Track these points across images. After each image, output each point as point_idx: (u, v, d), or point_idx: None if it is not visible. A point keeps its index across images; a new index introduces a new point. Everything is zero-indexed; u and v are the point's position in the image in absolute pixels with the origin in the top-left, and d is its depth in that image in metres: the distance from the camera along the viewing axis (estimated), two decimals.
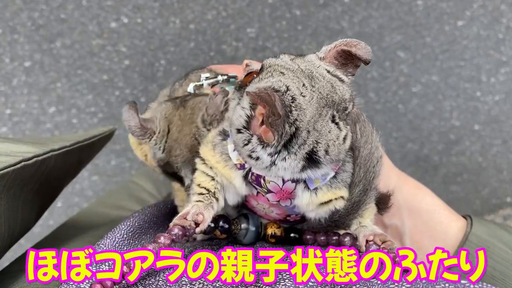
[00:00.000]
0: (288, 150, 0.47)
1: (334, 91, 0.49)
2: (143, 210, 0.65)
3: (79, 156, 0.74)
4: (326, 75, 0.50)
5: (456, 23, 1.70)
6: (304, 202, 0.52)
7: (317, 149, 0.47)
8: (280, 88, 0.47)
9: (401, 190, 0.65)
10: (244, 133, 0.49)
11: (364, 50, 0.51)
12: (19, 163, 0.53)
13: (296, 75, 0.49)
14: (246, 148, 0.49)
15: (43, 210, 0.72)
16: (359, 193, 0.54)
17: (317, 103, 0.47)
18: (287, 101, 0.46)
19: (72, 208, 1.65)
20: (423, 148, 1.71)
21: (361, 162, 0.54)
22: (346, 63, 0.52)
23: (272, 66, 0.50)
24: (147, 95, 1.66)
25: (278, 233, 0.59)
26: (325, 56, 0.52)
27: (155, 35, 1.65)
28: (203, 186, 0.55)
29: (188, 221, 0.50)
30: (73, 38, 1.63)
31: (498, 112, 1.71)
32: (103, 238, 0.54)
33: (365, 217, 0.56)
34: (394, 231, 0.66)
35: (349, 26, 1.67)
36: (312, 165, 0.48)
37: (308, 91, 0.47)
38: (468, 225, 0.62)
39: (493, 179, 1.72)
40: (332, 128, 0.48)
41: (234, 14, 1.66)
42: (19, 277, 0.53)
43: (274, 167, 0.48)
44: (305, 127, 0.46)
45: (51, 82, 1.63)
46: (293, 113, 0.46)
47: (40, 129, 1.63)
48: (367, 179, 0.54)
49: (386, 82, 1.70)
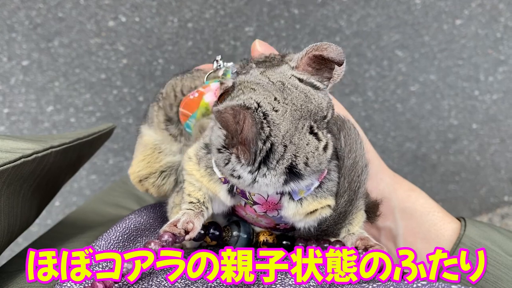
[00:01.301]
0: (267, 166, 0.46)
1: (309, 100, 0.48)
2: (139, 211, 0.64)
3: (78, 153, 0.74)
4: (299, 85, 0.49)
5: (455, 22, 1.70)
6: (290, 212, 0.52)
7: (296, 162, 0.46)
8: (251, 105, 0.45)
9: (395, 192, 0.65)
10: (224, 153, 0.48)
11: (335, 52, 0.49)
12: (19, 160, 0.53)
13: (267, 89, 0.47)
14: (227, 168, 0.48)
15: (42, 207, 0.72)
16: (345, 204, 0.53)
17: (291, 116, 0.46)
18: (258, 118, 0.45)
19: (70, 207, 1.65)
20: (421, 147, 1.71)
21: (345, 172, 0.53)
22: (320, 68, 0.51)
23: (243, 83, 0.49)
24: (145, 94, 1.65)
25: (270, 240, 0.58)
26: (298, 64, 0.51)
27: (153, 34, 1.65)
28: (193, 196, 0.55)
29: (178, 229, 0.50)
30: (71, 37, 1.62)
31: (496, 111, 1.71)
32: (98, 239, 0.54)
33: (354, 224, 0.56)
34: (387, 233, 0.66)
35: (347, 25, 1.67)
36: (295, 178, 0.48)
37: (281, 105, 0.46)
38: (462, 227, 0.62)
39: (491, 178, 1.72)
40: (310, 140, 0.47)
41: (232, 13, 1.66)
42: (16, 276, 0.53)
43: (256, 184, 0.48)
44: (281, 142, 0.46)
45: (49, 81, 1.62)
46: (265, 129, 0.45)
47: (38, 128, 1.63)
48: (352, 189, 0.53)
49: (384, 81, 1.70)
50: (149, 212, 0.65)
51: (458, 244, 0.60)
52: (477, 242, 0.59)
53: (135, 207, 0.90)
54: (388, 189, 0.64)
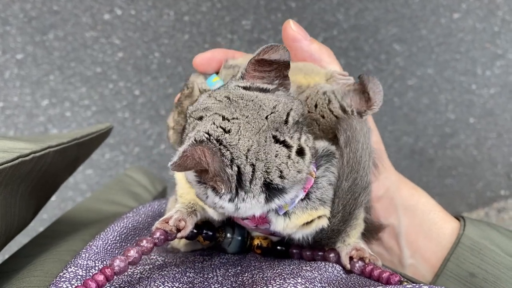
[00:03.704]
0: (243, 189, 0.44)
1: (259, 107, 0.46)
2: (137, 210, 0.64)
3: (76, 153, 0.73)
4: (244, 93, 0.47)
5: (452, 15, 1.69)
6: (280, 227, 0.50)
7: (271, 178, 0.44)
8: (201, 138, 0.43)
9: (399, 190, 0.64)
10: (201, 187, 0.46)
11: (278, 52, 0.47)
12: (16, 159, 0.52)
13: (214, 111, 0.45)
14: (209, 201, 0.47)
15: (39, 207, 0.72)
16: (338, 223, 0.51)
17: (246, 131, 0.44)
18: (214, 147, 0.43)
19: (66, 202, 1.64)
20: (418, 141, 1.71)
21: (341, 194, 0.50)
22: (268, 70, 0.49)
23: (191, 115, 0.47)
24: (141, 88, 1.64)
25: (264, 244, 0.57)
26: (243, 74, 0.49)
27: (149, 27, 1.63)
28: (185, 197, 0.54)
29: (170, 226, 0.49)
30: (66, 30, 1.61)
31: (493, 105, 1.71)
32: (95, 239, 0.54)
33: (351, 236, 0.54)
34: (390, 231, 0.65)
35: (345, 18, 1.66)
36: (277, 193, 0.45)
37: (231, 123, 0.44)
38: (461, 226, 0.61)
39: (488, 173, 1.72)
40: (278, 149, 0.44)
41: (229, 6, 1.65)
42: (12, 277, 0.53)
43: (240, 210, 0.46)
44: (246, 162, 0.43)
45: (44, 75, 1.61)
46: (226, 154, 0.43)
47: (33, 122, 1.62)
48: (347, 210, 0.51)
49: (382, 75, 1.69)
50: (146, 211, 0.64)
51: (458, 243, 0.60)
52: (476, 241, 0.59)
53: (132, 203, 0.89)
54: (393, 187, 0.64)
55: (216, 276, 0.50)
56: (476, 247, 0.59)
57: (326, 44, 0.61)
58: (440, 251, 0.61)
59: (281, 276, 0.46)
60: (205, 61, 0.59)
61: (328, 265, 0.51)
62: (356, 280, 0.49)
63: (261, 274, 0.49)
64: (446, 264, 0.60)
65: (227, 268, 0.52)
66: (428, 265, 0.62)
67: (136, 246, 0.47)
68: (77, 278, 0.45)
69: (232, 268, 0.52)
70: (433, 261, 0.62)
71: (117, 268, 0.44)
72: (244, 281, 0.48)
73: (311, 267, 0.49)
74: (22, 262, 0.58)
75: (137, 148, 1.65)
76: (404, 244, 0.64)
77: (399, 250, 0.64)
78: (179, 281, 0.48)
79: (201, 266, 0.53)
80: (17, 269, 0.55)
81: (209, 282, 0.49)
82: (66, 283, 0.44)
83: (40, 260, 0.56)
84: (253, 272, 0.51)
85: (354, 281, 0.49)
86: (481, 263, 0.58)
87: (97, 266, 0.48)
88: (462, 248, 0.60)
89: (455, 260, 0.59)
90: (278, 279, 0.45)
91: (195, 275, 0.50)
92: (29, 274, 0.51)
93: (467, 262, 0.59)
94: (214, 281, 0.49)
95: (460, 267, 0.59)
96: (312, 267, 0.49)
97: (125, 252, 0.46)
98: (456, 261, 0.59)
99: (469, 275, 0.58)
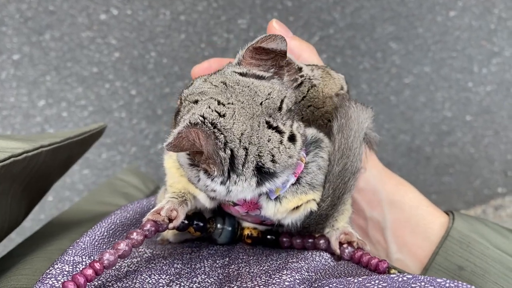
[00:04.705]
0: (236, 173, 0.45)
1: (254, 93, 0.47)
2: (125, 207, 0.64)
3: (69, 153, 0.73)
4: (241, 79, 0.48)
5: (448, 13, 1.69)
6: (270, 212, 0.51)
7: (263, 162, 0.45)
8: (196, 120, 0.44)
9: (383, 184, 0.65)
10: (193, 170, 0.47)
11: (276, 42, 0.48)
12: (8, 159, 0.52)
13: (210, 96, 0.46)
14: (201, 184, 0.47)
15: (32, 205, 0.72)
16: (326, 207, 0.52)
17: (240, 115, 0.45)
18: (208, 130, 0.44)
19: (63, 202, 1.64)
20: (415, 139, 1.71)
21: (331, 179, 0.52)
22: (265, 58, 0.50)
23: (187, 98, 0.48)
24: (138, 88, 1.64)
25: (254, 234, 0.57)
26: (240, 60, 0.50)
27: (145, 27, 1.63)
28: (175, 187, 0.54)
29: (162, 216, 0.49)
30: (62, 31, 1.61)
31: (490, 103, 1.71)
32: (82, 236, 0.54)
33: (339, 220, 0.55)
34: (375, 225, 0.66)
35: (341, 17, 1.66)
36: (268, 177, 0.46)
37: (226, 107, 0.45)
38: (450, 220, 0.62)
39: (484, 170, 1.72)
40: (270, 135, 0.46)
41: (225, 5, 1.65)
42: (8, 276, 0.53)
43: (231, 193, 0.47)
44: (240, 145, 0.44)
45: (40, 75, 1.61)
46: (219, 137, 0.44)
47: (29, 122, 1.61)
48: (336, 195, 0.52)
49: (378, 73, 1.69)
50: (135, 208, 0.64)
51: (446, 237, 0.60)
52: (465, 235, 0.60)
53: (124, 202, 0.89)
54: (375, 180, 0.64)
55: (204, 267, 0.50)
56: (464, 240, 0.59)
57: (323, 43, 0.62)
58: (428, 245, 0.61)
59: (267, 273, 0.47)
60: (203, 71, 0.60)
61: (315, 254, 0.52)
62: (344, 268, 0.49)
63: (248, 268, 0.49)
64: (435, 258, 0.60)
65: (215, 259, 0.53)
66: (416, 259, 0.62)
67: (126, 239, 0.46)
68: (63, 274, 0.45)
69: (220, 259, 0.52)
70: (421, 256, 0.62)
71: (106, 262, 0.44)
72: (229, 273, 0.49)
73: (297, 258, 0.50)
74: (13, 261, 0.58)
75: (134, 148, 1.65)
76: (391, 238, 0.64)
77: (385, 244, 0.65)
78: (166, 273, 0.48)
79: (189, 257, 0.53)
80: (8, 268, 0.55)
81: (196, 272, 0.49)
82: (52, 279, 0.44)
83: (30, 258, 0.56)
84: (240, 265, 0.51)
85: (341, 269, 0.49)
86: (469, 256, 0.58)
87: (85, 261, 0.48)
88: (451, 241, 0.60)
89: (443, 253, 0.60)
90: (264, 276, 0.45)
91: (183, 266, 0.51)
92: (17, 273, 0.51)
93: (456, 255, 0.59)
94: (201, 272, 0.49)
95: (449, 260, 0.59)
96: (299, 258, 0.50)
97: (115, 246, 0.46)
98: (445, 254, 0.60)
99: (458, 268, 0.58)
